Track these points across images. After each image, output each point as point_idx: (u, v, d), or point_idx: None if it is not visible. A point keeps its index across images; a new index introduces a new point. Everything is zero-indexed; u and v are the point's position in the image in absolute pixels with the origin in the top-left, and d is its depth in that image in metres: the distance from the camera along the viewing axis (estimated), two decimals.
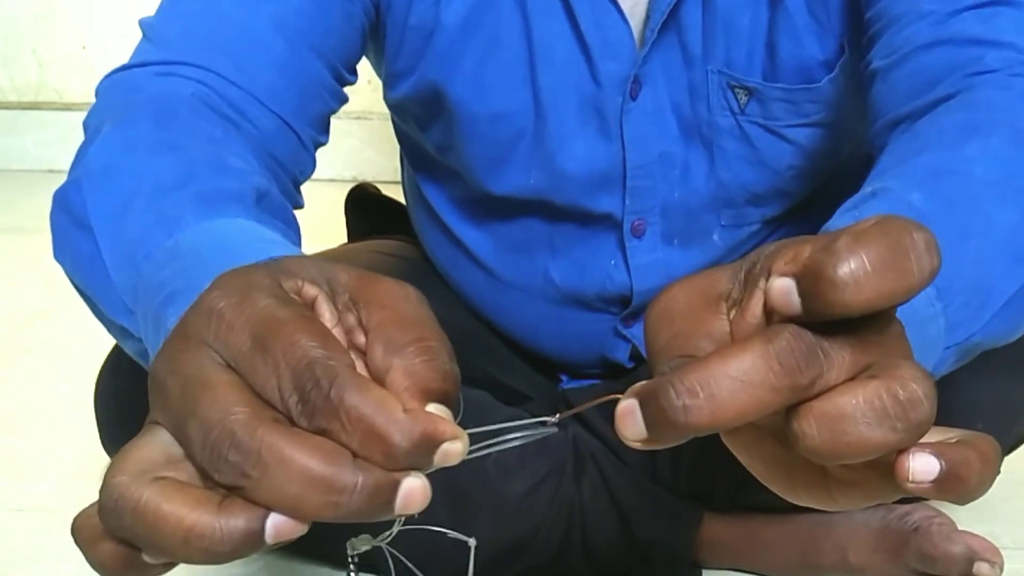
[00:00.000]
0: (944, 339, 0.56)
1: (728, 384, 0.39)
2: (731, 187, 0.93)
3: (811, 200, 0.98)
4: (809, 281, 0.39)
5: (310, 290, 0.43)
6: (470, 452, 0.41)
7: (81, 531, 0.45)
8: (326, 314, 0.43)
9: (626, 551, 0.98)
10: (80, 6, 2.39)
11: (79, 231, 0.64)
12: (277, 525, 0.39)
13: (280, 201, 0.69)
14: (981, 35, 0.72)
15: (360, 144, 2.33)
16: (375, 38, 0.92)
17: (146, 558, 0.41)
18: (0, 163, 2.46)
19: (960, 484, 0.42)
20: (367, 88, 1.82)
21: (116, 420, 0.98)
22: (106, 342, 1.01)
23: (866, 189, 0.61)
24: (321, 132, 0.85)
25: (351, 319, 0.43)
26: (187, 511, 0.38)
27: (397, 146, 1.07)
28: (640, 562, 0.98)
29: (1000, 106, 0.68)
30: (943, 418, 0.66)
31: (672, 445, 0.41)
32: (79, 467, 1.21)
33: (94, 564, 0.44)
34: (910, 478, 0.41)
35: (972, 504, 1.13)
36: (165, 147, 0.66)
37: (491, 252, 1.01)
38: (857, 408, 0.39)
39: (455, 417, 0.42)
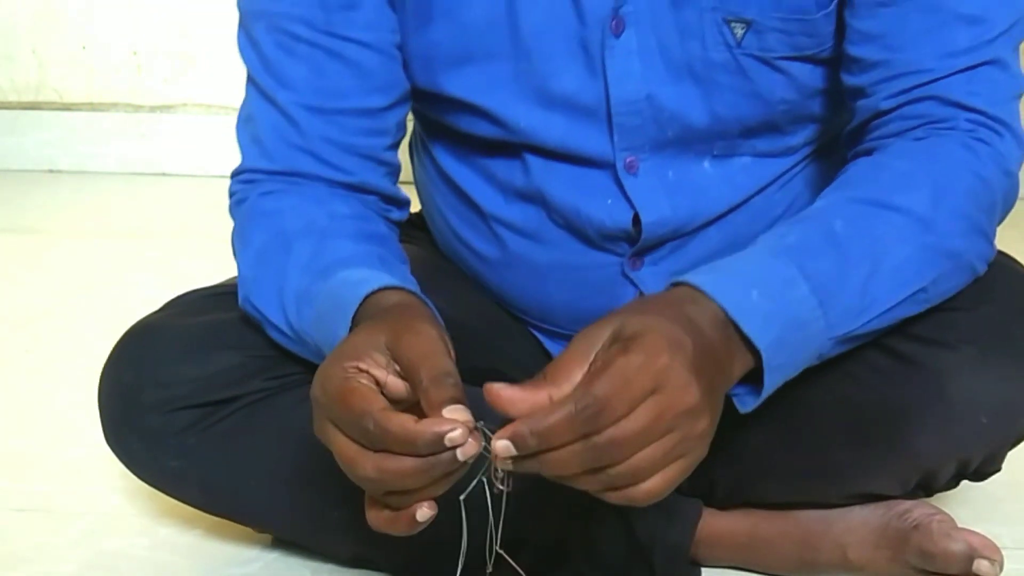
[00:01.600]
0: (826, 332, 0.79)
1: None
2: (727, 120, 0.96)
3: (802, 152, 1.01)
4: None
5: (364, 363, 0.72)
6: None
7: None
8: (376, 370, 0.72)
9: (625, 549, 0.98)
10: (80, 6, 2.39)
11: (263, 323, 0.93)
12: None
13: (379, 234, 0.96)
14: (961, 99, 0.87)
15: None
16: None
17: None
18: (0, 163, 2.46)
19: None
20: None
21: (120, 415, 0.98)
22: (106, 342, 1.01)
23: (808, 208, 0.85)
24: (392, 137, 0.99)
25: (395, 365, 0.72)
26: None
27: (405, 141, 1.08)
28: (639, 560, 0.98)
29: (952, 160, 0.86)
30: (948, 416, 0.77)
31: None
32: (79, 467, 1.21)
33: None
34: None
35: (972, 503, 1.13)
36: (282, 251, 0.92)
37: (495, 201, 1.02)
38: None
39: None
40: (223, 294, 0.99)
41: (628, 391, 0.67)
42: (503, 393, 0.68)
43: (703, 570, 1.01)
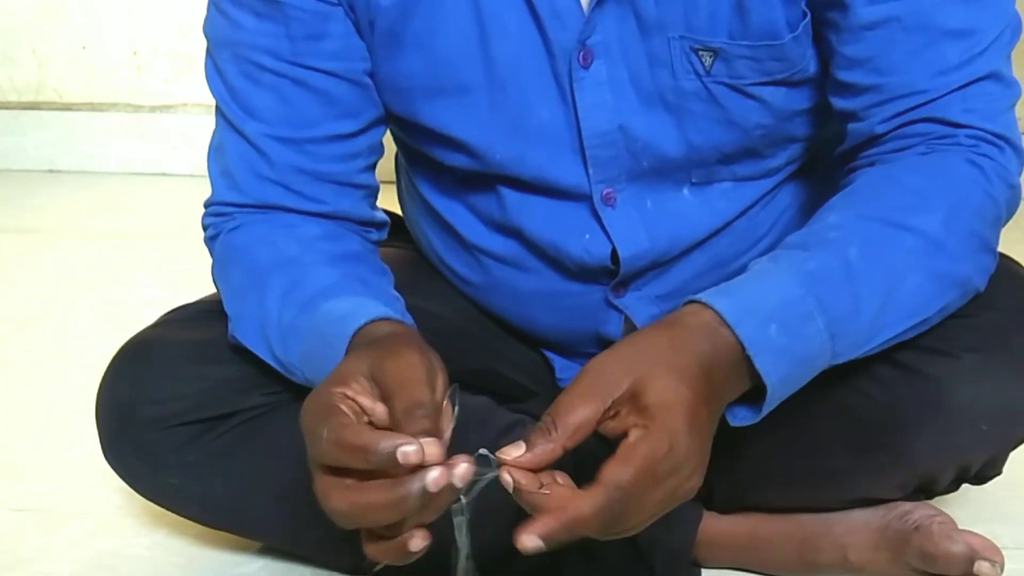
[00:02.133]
0: (829, 360, 0.80)
1: None
2: (702, 148, 0.95)
3: (785, 172, 1.00)
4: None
5: (351, 389, 0.71)
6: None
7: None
8: (362, 397, 0.71)
9: (625, 552, 0.97)
10: (80, 6, 2.39)
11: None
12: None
13: (354, 252, 0.95)
14: (958, 118, 0.86)
15: None
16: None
17: None
18: (0, 163, 2.45)
19: None
20: None
21: (117, 432, 0.97)
22: (105, 342, 1.01)
23: (821, 222, 0.83)
24: (366, 159, 0.98)
25: (378, 391, 0.71)
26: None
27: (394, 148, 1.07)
28: (639, 563, 0.98)
29: (961, 178, 0.85)
30: (948, 424, 0.78)
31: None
32: (79, 467, 1.21)
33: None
34: None
35: (972, 504, 1.13)
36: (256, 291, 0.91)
37: (476, 230, 1.02)
38: None
39: (452, 416, 0.71)
40: (219, 308, 0.96)
41: (653, 480, 0.70)
42: (519, 460, 0.71)
43: (703, 571, 1.01)
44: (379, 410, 0.71)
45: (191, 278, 1.15)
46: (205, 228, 0.99)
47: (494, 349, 1.06)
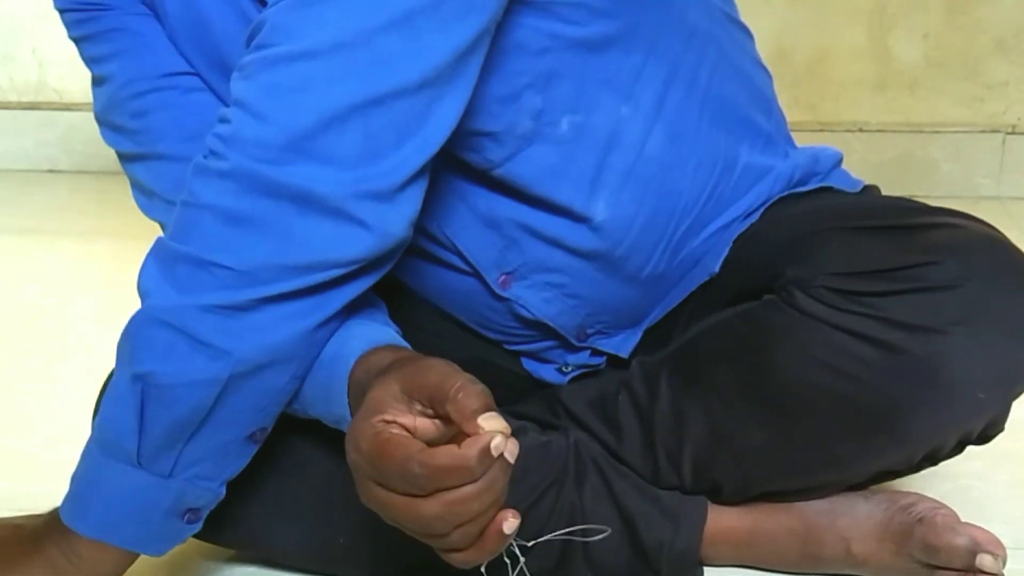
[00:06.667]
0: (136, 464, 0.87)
1: None
2: None
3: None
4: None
5: (389, 414, 0.71)
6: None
7: None
8: (402, 418, 0.71)
9: (629, 554, 0.97)
10: None
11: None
12: None
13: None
14: None
15: None
16: None
17: None
18: (0, 163, 2.45)
19: None
20: None
21: None
22: (105, 342, 1.01)
23: None
24: None
25: (417, 406, 0.71)
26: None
27: None
28: (643, 565, 0.97)
29: None
30: (945, 399, 0.76)
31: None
32: None
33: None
34: None
35: (972, 504, 1.13)
36: None
37: None
38: None
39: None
40: None
41: None
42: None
43: (706, 570, 1.01)
44: (420, 424, 0.71)
45: None
46: None
47: (479, 338, 1.06)
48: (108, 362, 1.00)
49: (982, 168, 2.13)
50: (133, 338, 0.85)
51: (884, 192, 1.08)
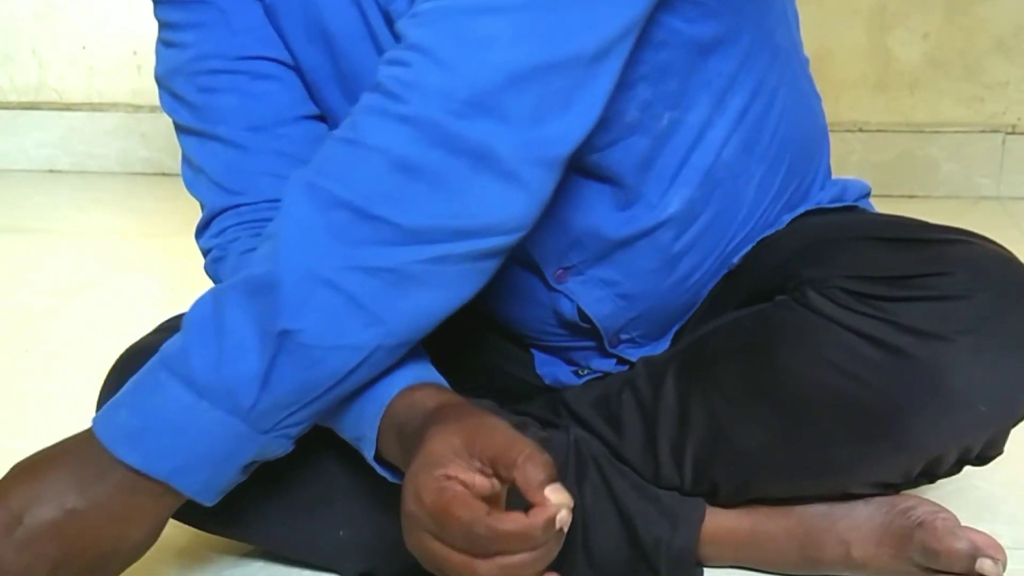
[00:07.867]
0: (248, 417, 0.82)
1: None
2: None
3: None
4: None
5: (451, 470, 0.74)
6: None
7: None
8: (463, 475, 0.73)
9: (629, 553, 0.97)
10: (80, 6, 2.39)
11: None
12: None
13: None
14: None
15: None
16: None
17: None
18: (0, 163, 2.46)
19: None
20: None
21: None
22: (105, 342, 1.01)
23: None
24: None
25: (476, 463, 0.74)
26: None
27: None
28: (643, 563, 0.97)
29: None
30: (947, 408, 0.76)
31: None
32: None
33: None
34: None
35: (973, 504, 1.13)
36: None
37: None
38: None
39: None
40: None
41: None
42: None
43: (706, 571, 1.01)
44: (478, 482, 0.74)
45: (191, 278, 1.15)
46: (207, 252, 0.99)
47: (489, 342, 1.06)
48: (108, 362, 1.01)
49: (982, 168, 2.14)
50: (284, 292, 0.79)
51: (884, 192, 1.08)
